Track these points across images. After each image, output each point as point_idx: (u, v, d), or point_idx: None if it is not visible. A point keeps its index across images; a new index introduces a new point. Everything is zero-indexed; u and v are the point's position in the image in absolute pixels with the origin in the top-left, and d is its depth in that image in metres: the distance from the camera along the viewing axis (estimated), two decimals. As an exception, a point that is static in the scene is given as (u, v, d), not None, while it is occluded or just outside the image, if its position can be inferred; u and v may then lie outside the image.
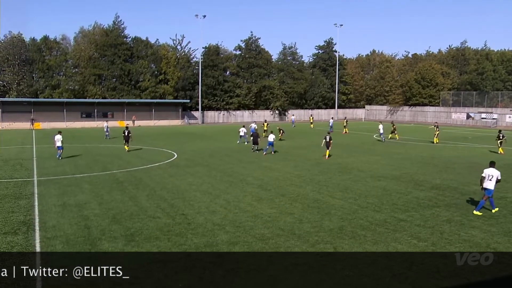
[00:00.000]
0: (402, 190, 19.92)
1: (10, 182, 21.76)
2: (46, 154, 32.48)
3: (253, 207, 16.79)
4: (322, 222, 14.86)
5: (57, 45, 77.17)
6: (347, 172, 24.93)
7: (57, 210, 16.33)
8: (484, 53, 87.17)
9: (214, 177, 23.42)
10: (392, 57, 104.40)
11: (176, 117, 78.56)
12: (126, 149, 34.76)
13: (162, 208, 16.61)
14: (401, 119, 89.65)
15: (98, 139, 44.29)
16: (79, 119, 70.03)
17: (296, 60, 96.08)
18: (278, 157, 31.49)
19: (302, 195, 18.85)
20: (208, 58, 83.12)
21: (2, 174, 24.06)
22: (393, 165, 27.64)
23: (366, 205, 17.10)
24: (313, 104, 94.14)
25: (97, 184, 21.34)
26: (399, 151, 35.28)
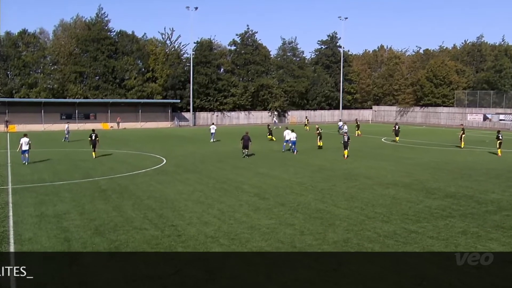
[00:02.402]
0: (413, 199, 19.93)
1: (-18, 190, 21.67)
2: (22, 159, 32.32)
3: (250, 218, 16.77)
4: (325, 234, 14.84)
5: (35, 40, 77.08)
6: (352, 179, 24.93)
7: (33, 221, 16.26)
8: (503, 49, 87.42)
9: (207, 184, 23.39)
10: (401, 53, 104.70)
11: (165, 119, 78.54)
12: (93, 155, 33.88)
13: (149, 219, 16.57)
14: (411, 120, 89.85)
15: (79, 143, 44.22)
16: (58, 120, 69.86)
17: (297, 57, 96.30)
18: (277, 162, 31.49)
19: (303, 204, 18.83)
20: (200, 54, 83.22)
21: (-27, 182, 23.96)
22: (403, 171, 27.66)
23: (373, 215, 17.09)
24: (315, 104, 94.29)
25: (78, 192, 21.27)
26: (410, 156, 35.32)
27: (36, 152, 36.95)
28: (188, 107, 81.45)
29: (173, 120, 79.39)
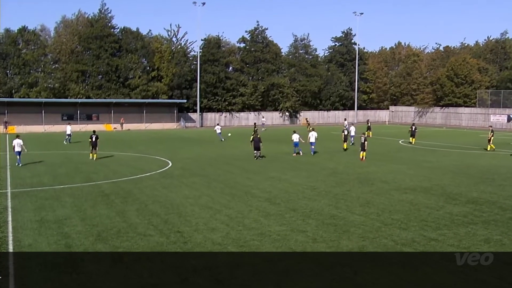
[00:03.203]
0: (433, 205, 19.83)
1: (-20, 194, 21.87)
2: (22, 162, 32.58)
3: (260, 224, 16.77)
4: (339, 242, 14.80)
5: (35, 37, 77.76)
6: (368, 183, 24.86)
7: (33, 226, 16.38)
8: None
9: (214, 189, 23.42)
10: (420, 50, 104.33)
11: (170, 120, 78.83)
12: (93, 157, 34.40)
13: (154, 225, 16.62)
14: (431, 121, 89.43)
15: (81, 145, 44.48)
16: (59, 121, 70.39)
17: (309, 54, 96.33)
18: (288, 166, 31.48)
19: (316, 210, 18.81)
20: (208, 52, 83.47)
21: (-29, 185, 24.19)
22: (422, 175, 27.53)
23: (390, 222, 17.02)
24: (328, 104, 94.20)
25: (80, 197, 21.40)
26: (429, 159, 35.16)
27: (36, 155, 37.26)
28: (195, 107, 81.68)
29: (179, 121, 79.62)
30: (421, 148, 43.08)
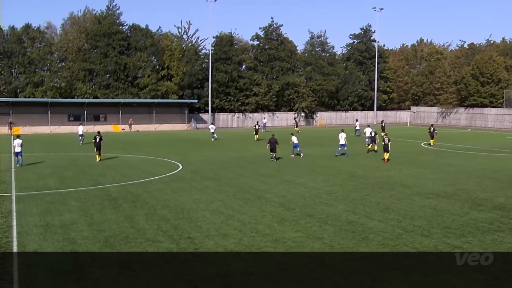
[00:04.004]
0: (457, 211, 19.71)
1: (-17, 198, 22.12)
2: (26, 165, 32.94)
3: (274, 230, 16.77)
4: (358, 249, 14.76)
5: (41, 35, 78.57)
6: (388, 188, 24.77)
7: (38, 231, 16.53)
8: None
9: (226, 193, 23.46)
10: (444, 47, 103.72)
11: (181, 121, 79.13)
12: (97, 158, 35.27)
13: (163, 230, 16.69)
14: (455, 123, 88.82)
15: (87, 147, 44.79)
16: (65, 122, 71.05)
17: (326, 52, 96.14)
18: (304, 169, 31.46)
19: (333, 216, 18.77)
20: (220, 50, 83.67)
21: (-25, 188, 24.48)
22: (446, 179, 27.37)
23: (412, 229, 16.94)
24: (346, 105, 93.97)
25: (86, 200, 21.56)
26: (453, 162, 34.93)
27: (41, 157, 37.64)
28: (206, 107, 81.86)
29: (190, 122, 79.91)
30: (444, 151, 42.80)
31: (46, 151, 43.06)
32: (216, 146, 48.30)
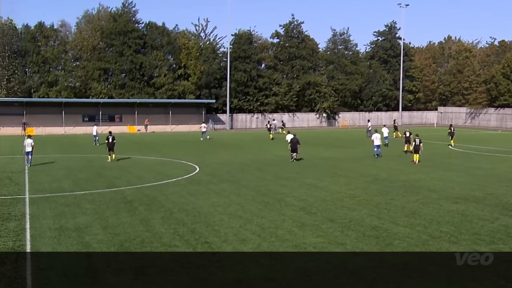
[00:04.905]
0: (486, 216, 19.50)
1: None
2: (40, 166, 33.35)
3: (294, 235, 16.75)
4: (382, 256, 14.69)
5: (55, 33, 79.55)
6: (414, 192, 24.59)
7: (52, 235, 16.70)
8: None
9: (245, 196, 23.49)
10: (472, 45, 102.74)
11: (198, 121, 79.14)
12: (109, 159, 36.22)
13: (180, 235, 16.76)
14: (484, 124, 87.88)
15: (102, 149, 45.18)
16: (80, 123, 71.72)
17: (349, 50, 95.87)
18: (326, 172, 31.37)
19: (356, 221, 18.69)
20: (239, 48, 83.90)
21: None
22: (475, 183, 27.10)
23: (439, 235, 16.80)
24: (370, 105, 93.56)
25: (101, 203, 21.73)
26: (482, 165, 34.58)
27: (55, 158, 38.06)
28: (224, 108, 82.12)
29: (207, 123, 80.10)
30: (473, 153, 42.39)
31: (60, 152, 43.53)
32: (234, 147, 48.38)
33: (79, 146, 49.57)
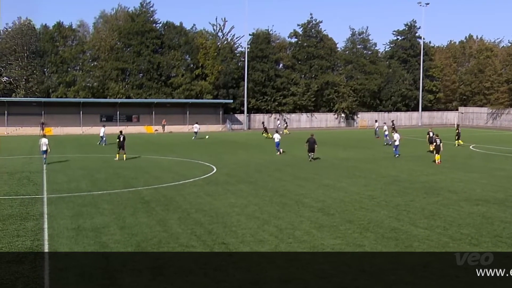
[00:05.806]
0: (508, 218, 19.30)
1: (15, 200, 22.69)
2: (58, 166, 33.69)
3: (312, 237, 16.72)
4: (401, 258, 14.60)
5: (73, 34, 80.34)
6: (434, 193, 24.42)
7: (70, 234, 16.86)
8: None
9: (262, 197, 23.49)
10: (494, 44, 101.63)
11: (216, 121, 79.56)
12: (117, 157, 37.22)
13: (197, 235, 16.81)
14: (506, 124, 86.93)
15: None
16: (98, 123, 72.10)
17: (368, 50, 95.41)
18: (344, 172, 31.26)
19: (374, 222, 18.61)
20: (256, 48, 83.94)
21: (6, 190, 25.14)
22: (496, 185, 26.84)
23: (459, 237, 16.67)
24: (389, 105, 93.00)
25: (119, 203, 21.89)
26: (504, 167, 34.24)
27: (73, 158, 38.43)
28: (242, 108, 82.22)
29: (225, 123, 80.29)
30: (494, 155, 41.99)
31: (78, 152, 43.91)
32: (251, 148, 48.42)
33: (96, 146, 49.91)
